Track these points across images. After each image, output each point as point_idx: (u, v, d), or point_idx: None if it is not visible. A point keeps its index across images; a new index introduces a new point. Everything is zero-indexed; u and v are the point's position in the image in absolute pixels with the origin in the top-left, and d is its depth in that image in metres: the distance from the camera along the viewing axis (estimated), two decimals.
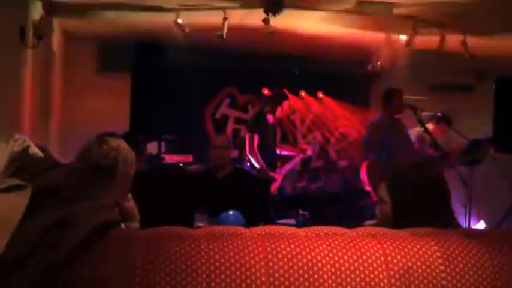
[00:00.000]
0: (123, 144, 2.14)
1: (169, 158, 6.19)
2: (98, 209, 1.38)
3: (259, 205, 5.25)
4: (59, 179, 1.37)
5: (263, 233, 1.51)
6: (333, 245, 1.50)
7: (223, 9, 5.05)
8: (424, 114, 5.94)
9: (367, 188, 5.42)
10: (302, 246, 1.47)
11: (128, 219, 2.75)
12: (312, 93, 7.72)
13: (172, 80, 6.43)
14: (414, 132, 5.98)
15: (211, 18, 5.18)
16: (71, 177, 1.43)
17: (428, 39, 5.51)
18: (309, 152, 6.84)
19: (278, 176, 6.12)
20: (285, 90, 6.41)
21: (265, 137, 5.99)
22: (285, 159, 6.59)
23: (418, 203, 2.09)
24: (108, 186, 1.98)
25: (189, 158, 6.46)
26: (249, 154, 5.87)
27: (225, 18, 5.10)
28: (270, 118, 6.13)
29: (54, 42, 5.64)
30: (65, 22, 5.84)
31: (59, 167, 1.52)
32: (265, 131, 6.02)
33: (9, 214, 1.23)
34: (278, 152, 6.36)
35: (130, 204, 2.82)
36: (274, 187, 6.01)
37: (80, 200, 1.35)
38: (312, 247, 1.47)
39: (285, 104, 6.45)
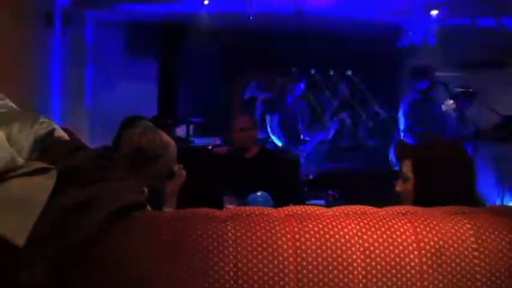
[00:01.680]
0: (168, 138, 2.15)
1: (198, 141, 6.21)
2: (123, 191, 1.37)
3: (289, 185, 5.25)
4: (85, 161, 1.37)
5: (290, 213, 1.49)
6: (362, 224, 1.47)
7: None
8: (456, 90, 5.83)
9: (396, 167, 5.36)
10: (330, 226, 1.44)
11: (163, 203, 2.75)
12: (341, 73, 7.62)
13: (200, 63, 6.43)
14: (446, 108, 5.88)
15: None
16: (97, 160, 1.43)
17: (460, 14, 5.39)
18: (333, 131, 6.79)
19: (301, 154, 6.09)
20: (296, 70, 6.33)
21: (286, 116, 5.97)
22: (312, 138, 6.55)
23: (441, 185, 2.06)
24: (133, 168, 1.99)
25: (217, 141, 6.47)
26: (271, 133, 5.88)
27: None
28: (289, 97, 6.10)
29: (84, 28, 5.68)
30: (94, 9, 5.87)
31: (85, 149, 1.52)
32: (286, 110, 6.00)
33: (36, 196, 1.23)
34: (303, 130, 6.33)
35: (170, 189, 2.82)
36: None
37: (107, 180, 1.35)
38: (340, 227, 1.45)
39: (301, 84, 6.39)
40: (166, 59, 5.61)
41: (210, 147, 6.15)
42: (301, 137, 6.25)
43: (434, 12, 5.35)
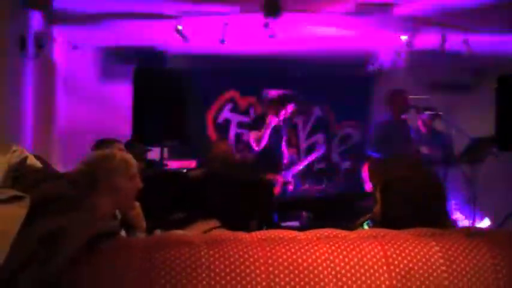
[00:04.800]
0: (121, 152, 2.15)
1: (172, 164, 6.19)
2: (94, 219, 1.38)
3: (262, 208, 5.24)
4: (57, 189, 1.37)
5: (263, 237, 1.51)
6: (333, 247, 1.49)
7: (223, 14, 5.07)
8: (426, 113, 5.94)
9: (368, 187, 5.43)
10: (303, 250, 1.46)
11: (134, 230, 2.73)
12: (314, 95, 7.71)
13: (174, 86, 6.44)
14: (416, 130, 5.99)
15: (211, 23, 5.20)
16: (69, 187, 1.43)
17: (428, 39, 5.52)
18: (314, 155, 6.83)
19: (281, 178, 6.09)
20: (290, 92, 6.38)
21: (269, 139, 5.98)
22: (290, 161, 6.58)
23: (408, 207, 2.08)
24: (106, 194, 1.99)
25: (192, 164, 6.46)
26: (253, 155, 5.88)
27: (225, 23, 5.12)
28: (273, 120, 6.10)
29: (55, 51, 5.66)
30: (66, 31, 5.86)
31: (57, 177, 1.52)
32: (269, 134, 6.01)
33: (9, 225, 1.23)
34: (284, 153, 6.35)
35: (136, 213, 2.80)
36: (278, 189, 6.01)
37: (77, 209, 1.35)
38: (312, 250, 1.47)
39: (290, 106, 6.42)
40: (140, 82, 5.61)
41: (184, 170, 6.13)
42: (283, 161, 6.26)
43: (403, 38, 5.48)
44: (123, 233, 2.50)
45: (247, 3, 4.82)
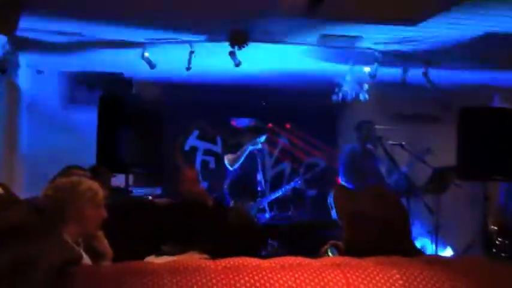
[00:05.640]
0: (82, 179, 2.14)
1: (137, 191, 6.13)
2: (58, 247, 1.36)
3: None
4: (20, 217, 1.36)
5: (228, 265, 1.51)
6: (296, 275, 1.50)
7: (190, 42, 5.11)
8: (389, 143, 6.05)
9: (334, 214, 5.44)
10: (266, 278, 1.47)
11: (99, 257, 2.70)
12: (280, 125, 7.78)
13: (140, 113, 6.42)
14: (381, 160, 6.08)
15: (178, 51, 5.23)
16: (32, 215, 1.41)
17: (391, 71, 5.65)
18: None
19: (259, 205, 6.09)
20: (270, 125, 6.40)
21: (245, 167, 5.99)
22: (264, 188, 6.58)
23: (372, 237, 2.10)
24: (72, 221, 1.97)
25: (157, 190, 6.42)
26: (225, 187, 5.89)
27: (191, 52, 5.15)
28: (248, 147, 6.12)
29: (20, 76, 5.60)
30: (31, 57, 5.81)
31: (20, 204, 1.50)
32: (245, 162, 6.02)
33: None
34: (259, 181, 6.34)
35: (101, 242, 2.78)
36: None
37: (41, 238, 1.34)
38: (275, 278, 1.48)
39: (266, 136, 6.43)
40: (106, 109, 5.57)
41: (149, 198, 6.07)
42: (258, 189, 6.25)
43: (366, 69, 5.59)
44: (88, 260, 2.47)
45: (214, 32, 4.87)
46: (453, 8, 3.93)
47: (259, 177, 6.24)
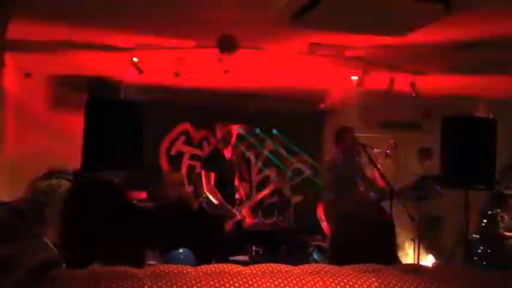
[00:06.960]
0: (62, 181, 2.14)
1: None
2: (38, 249, 1.37)
3: (212, 242, 5.23)
4: (1, 217, 1.37)
5: (208, 272, 1.53)
6: (276, 282, 1.53)
7: (179, 48, 5.13)
8: (373, 151, 6.07)
9: (324, 224, 5.44)
10: (247, 285, 1.49)
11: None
12: (267, 131, 7.82)
13: (128, 116, 6.41)
14: (365, 167, 6.10)
15: (166, 56, 5.25)
16: (13, 216, 1.42)
17: (378, 80, 5.70)
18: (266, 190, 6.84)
19: (239, 211, 6.05)
20: (232, 127, 6.33)
21: (223, 173, 5.94)
22: (244, 195, 6.58)
23: (358, 242, 2.14)
24: (51, 224, 1.98)
25: (143, 195, 6.41)
26: (206, 191, 5.79)
27: (179, 58, 5.17)
28: (227, 154, 6.09)
29: (6, 77, 5.58)
30: (17, 58, 5.79)
31: (2, 205, 1.51)
32: (223, 168, 5.97)
33: None
34: (237, 188, 6.33)
35: None
36: (230, 223, 5.95)
37: (21, 238, 1.35)
38: (256, 285, 1.50)
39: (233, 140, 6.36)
40: (92, 112, 5.56)
41: (134, 202, 6.07)
42: (235, 193, 6.23)
43: (354, 78, 5.64)
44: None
45: (202, 38, 4.90)
46: (442, 19, 3.98)
47: (237, 184, 6.20)
